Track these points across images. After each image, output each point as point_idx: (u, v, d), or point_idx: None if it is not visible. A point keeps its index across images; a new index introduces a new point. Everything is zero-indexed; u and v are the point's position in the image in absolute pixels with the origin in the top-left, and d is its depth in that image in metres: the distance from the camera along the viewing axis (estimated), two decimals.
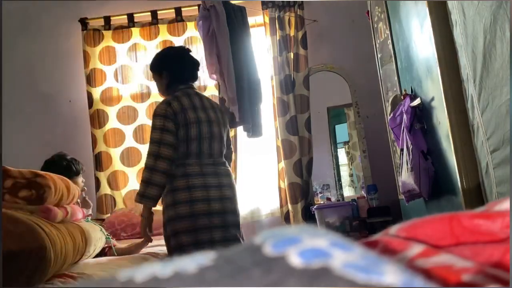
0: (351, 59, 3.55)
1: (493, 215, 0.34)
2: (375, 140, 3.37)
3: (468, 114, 1.78)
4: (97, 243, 2.03)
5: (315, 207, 3.08)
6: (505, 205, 0.36)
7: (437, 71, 1.92)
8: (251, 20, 3.33)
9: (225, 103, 2.93)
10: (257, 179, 3.60)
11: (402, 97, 2.39)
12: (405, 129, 2.25)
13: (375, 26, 2.98)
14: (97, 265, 1.84)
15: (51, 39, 3.72)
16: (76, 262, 1.79)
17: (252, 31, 3.17)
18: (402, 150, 2.33)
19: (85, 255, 1.89)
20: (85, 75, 3.61)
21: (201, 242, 1.95)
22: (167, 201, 2.01)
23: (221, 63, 2.85)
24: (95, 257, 2.06)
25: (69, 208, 1.89)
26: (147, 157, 1.99)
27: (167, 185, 2.00)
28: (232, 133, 3.48)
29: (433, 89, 2.05)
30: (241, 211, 3.51)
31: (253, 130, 2.95)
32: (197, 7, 3.46)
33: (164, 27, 3.63)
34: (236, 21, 2.96)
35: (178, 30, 3.63)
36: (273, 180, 3.54)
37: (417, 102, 2.22)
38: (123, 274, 0.26)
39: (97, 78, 3.62)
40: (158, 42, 3.63)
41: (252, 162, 3.61)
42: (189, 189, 1.98)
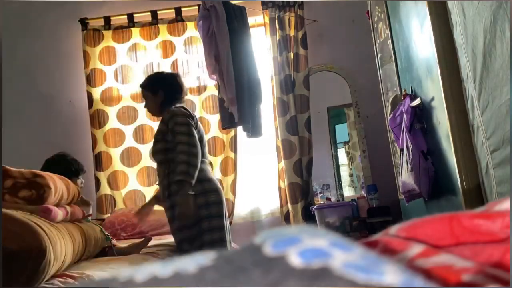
0: (351, 59, 3.55)
1: (493, 215, 0.34)
2: (375, 140, 3.38)
3: (468, 114, 1.78)
4: (97, 243, 2.04)
5: (315, 207, 3.08)
6: (505, 205, 0.36)
7: (437, 71, 1.92)
8: (251, 20, 3.33)
9: (224, 103, 2.93)
10: (257, 179, 3.60)
11: (402, 97, 2.39)
12: (405, 129, 2.25)
13: (375, 26, 2.98)
14: (97, 265, 1.84)
15: (51, 39, 3.72)
16: (76, 262, 1.79)
17: (252, 31, 3.17)
18: (402, 150, 2.33)
19: (85, 255, 1.89)
20: (85, 75, 3.61)
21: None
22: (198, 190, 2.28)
23: (221, 63, 2.85)
24: (95, 257, 2.06)
25: (69, 208, 1.89)
26: (189, 165, 2.20)
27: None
28: (231, 133, 3.49)
29: (433, 89, 2.05)
30: (241, 211, 3.54)
31: (253, 130, 2.95)
32: (197, 7, 3.46)
33: (164, 27, 3.63)
34: (236, 21, 2.96)
35: (178, 30, 3.63)
36: (273, 180, 3.54)
37: (417, 102, 2.22)
38: (123, 274, 0.26)
39: (97, 78, 3.62)
40: (158, 42, 3.63)
41: (252, 162, 3.62)
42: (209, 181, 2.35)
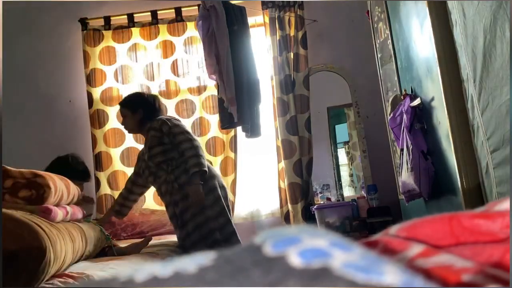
0: (351, 59, 3.55)
1: (493, 215, 0.34)
2: (375, 140, 3.38)
3: (468, 114, 1.78)
4: (97, 243, 2.04)
5: (315, 207, 3.08)
6: (505, 205, 0.36)
7: (437, 71, 1.92)
8: (251, 20, 3.33)
9: (223, 103, 2.93)
10: (257, 179, 3.60)
11: (402, 97, 2.39)
12: (405, 129, 2.25)
13: (375, 26, 2.98)
14: (97, 265, 1.84)
15: (51, 39, 3.72)
16: (76, 262, 1.79)
17: (252, 31, 3.17)
18: (402, 150, 2.33)
19: (85, 255, 1.89)
20: (85, 75, 3.61)
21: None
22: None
23: (221, 63, 2.85)
24: (95, 257, 2.06)
25: (69, 208, 1.89)
26: (199, 156, 2.42)
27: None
28: (231, 133, 3.49)
29: (433, 89, 2.05)
30: (241, 211, 3.54)
31: (252, 130, 2.95)
32: (197, 7, 3.46)
33: (164, 27, 3.63)
34: (236, 21, 2.96)
35: (178, 30, 3.63)
36: (273, 180, 3.54)
37: (417, 102, 2.22)
38: (123, 274, 0.26)
39: (97, 78, 3.62)
40: (158, 42, 3.63)
41: (252, 162, 3.62)
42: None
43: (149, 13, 3.61)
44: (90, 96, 3.58)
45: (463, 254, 0.31)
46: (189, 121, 3.53)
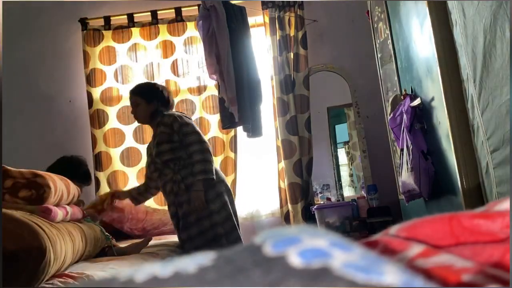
0: (351, 59, 3.55)
1: (493, 215, 0.34)
2: (375, 140, 3.37)
3: (468, 114, 1.78)
4: (97, 243, 2.04)
5: (315, 207, 3.08)
6: (505, 205, 0.36)
7: (437, 71, 1.92)
8: (251, 20, 3.33)
9: (224, 103, 2.93)
10: (257, 179, 3.60)
11: (402, 97, 2.39)
12: (405, 129, 2.25)
13: (375, 26, 2.98)
14: (97, 265, 1.84)
15: (51, 39, 3.72)
16: (76, 262, 1.79)
17: (252, 31, 3.17)
18: (402, 150, 2.33)
19: (85, 255, 1.89)
20: (85, 75, 3.61)
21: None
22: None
23: (221, 63, 2.85)
24: (95, 257, 2.06)
25: (69, 208, 1.89)
26: (207, 162, 2.40)
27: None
28: (231, 133, 3.49)
29: (433, 89, 2.05)
30: (241, 211, 3.54)
31: (253, 130, 2.95)
32: (197, 7, 3.46)
33: (164, 27, 3.63)
34: (236, 21, 2.96)
35: (178, 30, 3.63)
36: (273, 180, 3.54)
37: (417, 102, 2.22)
38: (123, 274, 0.26)
39: (97, 78, 3.62)
40: (158, 42, 3.63)
41: (252, 162, 3.62)
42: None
43: (149, 13, 3.61)
44: (90, 96, 3.58)
45: (463, 254, 0.31)
46: None
